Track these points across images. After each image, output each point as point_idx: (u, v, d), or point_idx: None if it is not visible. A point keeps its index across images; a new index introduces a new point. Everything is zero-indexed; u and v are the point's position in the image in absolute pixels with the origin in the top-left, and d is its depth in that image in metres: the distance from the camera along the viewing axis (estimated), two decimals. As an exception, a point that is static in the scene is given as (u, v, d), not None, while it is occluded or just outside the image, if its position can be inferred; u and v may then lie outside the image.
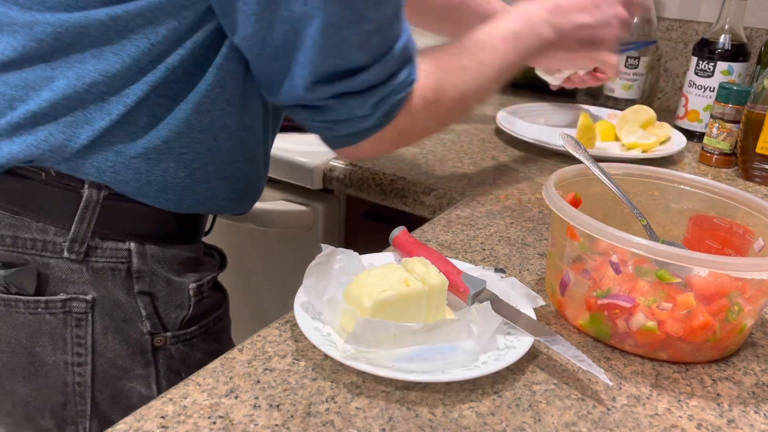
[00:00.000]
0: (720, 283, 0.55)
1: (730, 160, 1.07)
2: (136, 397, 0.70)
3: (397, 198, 0.92)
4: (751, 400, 0.54)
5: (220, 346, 0.77)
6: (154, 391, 0.71)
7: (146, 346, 0.69)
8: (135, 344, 0.69)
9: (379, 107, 0.65)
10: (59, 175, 0.63)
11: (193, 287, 0.71)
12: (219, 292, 0.79)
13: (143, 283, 0.67)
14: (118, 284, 0.66)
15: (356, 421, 0.47)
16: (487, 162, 1.02)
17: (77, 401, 0.68)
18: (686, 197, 0.69)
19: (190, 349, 0.73)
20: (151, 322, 0.69)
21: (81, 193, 0.63)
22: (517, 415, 0.49)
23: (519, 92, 1.47)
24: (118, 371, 0.69)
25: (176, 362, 0.72)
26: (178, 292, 0.70)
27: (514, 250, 0.75)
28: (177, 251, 0.70)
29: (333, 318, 0.55)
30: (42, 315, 0.65)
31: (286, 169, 1.00)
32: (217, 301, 0.77)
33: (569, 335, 0.60)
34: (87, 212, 0.63)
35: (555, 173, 0.65)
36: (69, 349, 0.66)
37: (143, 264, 0.67)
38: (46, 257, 0.64)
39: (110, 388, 0.69)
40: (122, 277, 0.66)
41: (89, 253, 0.65)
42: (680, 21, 1.37)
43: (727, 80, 1.14)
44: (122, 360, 0.68)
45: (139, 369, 0.70)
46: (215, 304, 0.76)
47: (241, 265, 1.12)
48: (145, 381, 0.70)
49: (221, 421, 0.47)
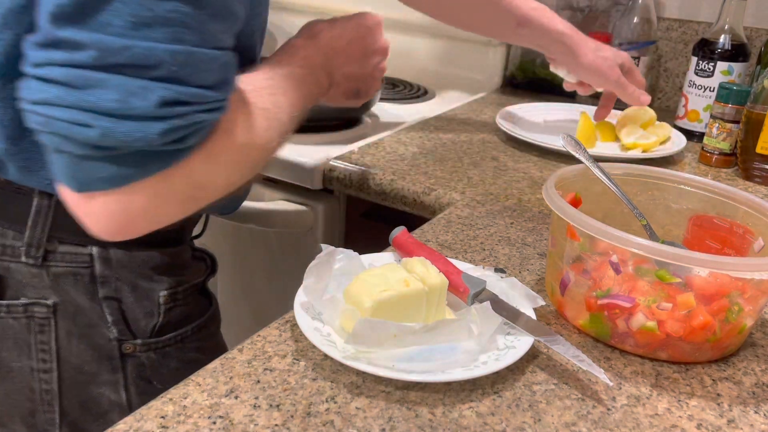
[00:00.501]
0: (720, 283, 0.55)
1: (730, 160, 1.07)
2: (106, 403, 0.68)
3: (397, 198, 0.92)
4: (751, 400, 0.54)
5: (201, 355, 0.73)
6: (123, 397, 0.69)
7: (113, 353, 0.67)
8: (101, 350, 0.66)
9: (170, 117, 0.46)
10: (9, 181, 0.60)
11: (164, 294, 0.67)
12: (204, 299, 0.75)
13: (108, 289, 0.65)
14: (81, 289, 0.64)
15: (356, 421, 0.47)
16: (487, 162, 1.02)
17: (45, 409, 0.67)
18: (686, 197, 0.69)
19: (163, 358, 0.70)
20: (118, 328, 0.66)
21: (33, 198, 0.61)
22: (517, 415, 0.49)
23: (519, 92, 1.47)
24: (86, 377, 0.67)
25: (147, 370, 0.69)
26: (145, 298, 0.67)
27: (514, 250, 0.75)
28: (148, 255, 0.66)
29: (333, 318, 0.55)
30: (5, 320, 0.64)
31: (286, 169, 1.00)
32: (199, 309, 0.73)
33: (569, 335, 0.60)
34: (39, 217, 0.61)
35: (555, 173, 0.65)
36: (34, 354, 0.65)
37: (107, 269, 0.64)
38: (5, 261, 0.63)
39: (79, 394, 0.67)
40: (85, 282, 0.64)
41: (48, 257, 0.63)
42: (680, 21, 1.37)
43: (727, 80, 1.14)
44: (89, 365, 0.67)
45: (106, 374, 0.68)
46: (195, 312, 0.73)
47: (241, 265, 1.12)
48: (113, 387, 0.68)
49: (221, 421, 0.47)
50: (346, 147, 1.03)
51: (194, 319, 0.72)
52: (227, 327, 1.17)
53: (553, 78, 1.45)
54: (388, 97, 1.33)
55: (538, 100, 1.36)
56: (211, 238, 1.12)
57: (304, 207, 1.01)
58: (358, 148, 1.03)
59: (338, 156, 0.99)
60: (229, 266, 1.13)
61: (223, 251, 1.13)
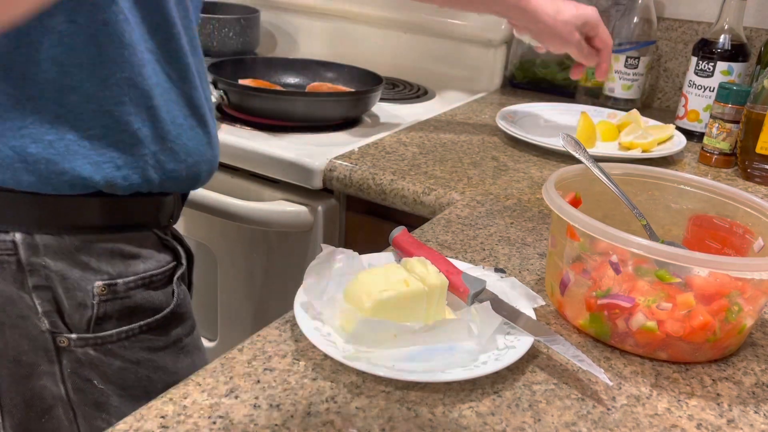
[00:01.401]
0: (720, 283, 0.55)
1: (730, 160, 1.07)
2: (49, 397, 0.65)
3: (397, 198, 0.92)
4: (751, 400, 0.54)
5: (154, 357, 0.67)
6: (62, 390, 0.65)
7: (48, 345, 0.63)
8: (36, 341, 0.63)
9: None
10: None
11: (98, 285, 0.63)
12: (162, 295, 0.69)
13: (38, 278, 0.61)
14: (9, 278, 0.61)
15: (356, 421, 0.47)
16: (487, 162, 1.02)
17: None
18: (686, 197, 0.69)
19: (104, 356, 0.65)
20: (49, 320, 0.63)
21: None
22: (517, 415, 0.49)
23: (519, 92, 1.47)
24: (25, 369, 0.64)
25: (85, 368, 0.65)
26: (77, 289, 0.63)
27: (514, 250, 0.75)
28: (83, 242, 0.62)
29: (333, 318, 0.55)
30: None
31: (286, 169, 1.00)
32: (153, 305, 0.68)
33: (569, 335, 0.60)
34: None
35: (555, 173, 0.65)
36: None
37: (34, 256, 0.61)
38: None
39: (21, 390, 0.64)
40: (12, 270, 0.61)
41: None
42: (680, 21, 1.37)
43: (726, 80, 1.14)
44: (26, 356, 0.63)
45: (44, 365, 0.64)
46: (147, 308, 0.67)
47: (241, 265, 1.12)
48: (52, 378, 0.65)
49: (221, 421, 0.47)
50: (346, 147, 1.04)
51: (144, 316, 0.67)
52: (227, 327, 1.17)
53: (553, 78, 1.46)
54: (388, 97, 1.33)
55: (538, 100, 1.35)
56: (210, 237, 1.13)
57: (304, 207, 1.01)
58: (358, 148, 1.03)
59: (338, 156, 0.99)
60: (229, 266, 1.13)
61: (223, 251, 1.13)
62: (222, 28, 1.49)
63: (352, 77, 1.28)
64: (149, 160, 0.63)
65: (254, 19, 1.55)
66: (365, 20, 1.52)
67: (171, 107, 0.64)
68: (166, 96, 0.63)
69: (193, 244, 1.15)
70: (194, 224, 1.13)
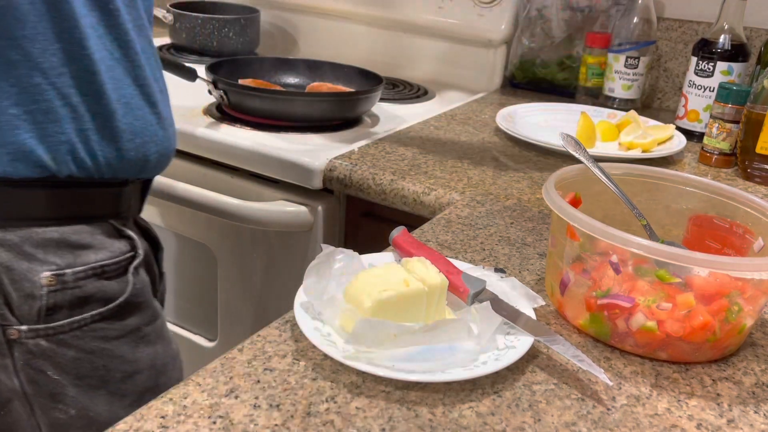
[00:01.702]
0: (720, 283, 0.55)
1: (730, 160, 1.07)
2: (6, 390, 0.64)
3: (397, 198, 0.92)
4: (751, 400, 0.54)
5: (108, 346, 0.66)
6: (16, 383, 0.64)
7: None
8: None
9: None
10: None
11: (46, 275, 0.62)
12: (117, 285, 0.68)
13: None
14: None
15: (356, 421, 0.47)
16: (487, 162, 1.02)
17: None
18: (686, 197, 0.69)
19: (57, 346, 0.64)
20: None
21: None
22: (517, 414, 0.49)
23: (519, 92, 1.47)
24: None
25: (38, 359, 0.64)
26: (24, 280, 0.62)
27: (514, 250, 0.75)
28: (28, 233, 0.61)
29: (333, 318, 0.55)
30: None
31: (286, 169, 1.00)
32: (106, 295, 0.67)
33: (569, 335, 0.60)
34: None
35: (555, 173, 0.65)
36: None
37: None
38: None
39: None
40: None
41: None
42: (680, 21, 1.37)
43: (726, 80, 1.14)
44: None
45: None
46: (99, 297, 0.66)
47: (241, 265, 1.12)
48: (6, 372, 0.64)
49: (221, 421, 0.47)
50: (346, 147, 1.04)
51: (98, 305, 0.67)
52: (227, 327, 1.17)
53: (553, 78, 1.46)
54: (388, 97, 1.33)
55: (538, 100, 1.35)
56: (210, 237, 1.13)
57: (304, 207, 1.01)
58: (358, 148, 1.03)
59: (338, 156, 0.99)
60: (229, 266, 1.13)
61: (223, 251, 1.13)
62: (222, 28, 1.50)
63: (352, 77, 1.28)
64: (92, 136, 0.63)
65: (254, 19, 1.55)
66: (365, 20, 1.52)
67: (117, 85, 0.64)
68: (110, 73, 0.63)
69: (193, 244, 1.15)
70: (194, 224, 1.13)
